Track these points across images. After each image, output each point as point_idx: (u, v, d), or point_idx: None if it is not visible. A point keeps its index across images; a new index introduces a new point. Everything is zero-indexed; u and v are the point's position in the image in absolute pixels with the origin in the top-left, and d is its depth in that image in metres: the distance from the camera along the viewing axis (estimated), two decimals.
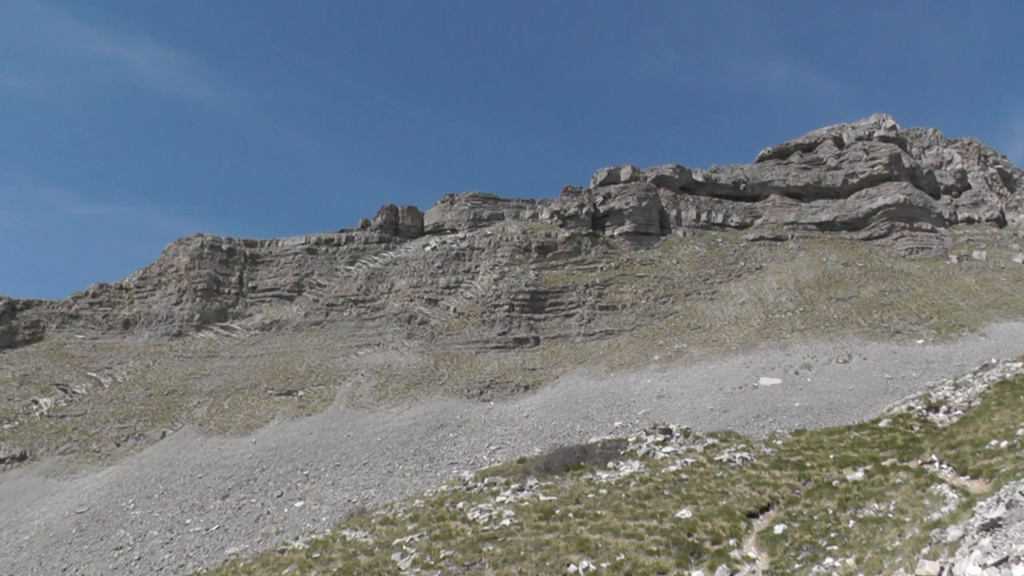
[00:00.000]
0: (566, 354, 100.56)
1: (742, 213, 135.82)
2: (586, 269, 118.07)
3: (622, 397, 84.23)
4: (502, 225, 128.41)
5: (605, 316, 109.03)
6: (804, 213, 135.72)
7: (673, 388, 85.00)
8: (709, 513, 33.01)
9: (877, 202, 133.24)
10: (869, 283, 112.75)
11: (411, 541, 33.94)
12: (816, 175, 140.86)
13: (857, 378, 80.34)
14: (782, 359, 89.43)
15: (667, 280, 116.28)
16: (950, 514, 22.02)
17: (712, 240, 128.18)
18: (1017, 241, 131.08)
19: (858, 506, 31.13)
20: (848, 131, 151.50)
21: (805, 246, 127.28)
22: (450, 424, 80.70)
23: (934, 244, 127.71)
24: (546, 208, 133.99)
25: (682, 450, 45.88)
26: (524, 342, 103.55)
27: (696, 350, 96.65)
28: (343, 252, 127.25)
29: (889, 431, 45.61)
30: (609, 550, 29.54)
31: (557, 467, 43.91)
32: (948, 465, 33.40)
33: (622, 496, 36.62)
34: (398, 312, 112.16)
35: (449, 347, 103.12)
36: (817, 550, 27.03)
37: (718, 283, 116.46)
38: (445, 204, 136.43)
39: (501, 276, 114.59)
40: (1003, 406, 39.70)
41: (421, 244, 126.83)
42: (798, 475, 38.62)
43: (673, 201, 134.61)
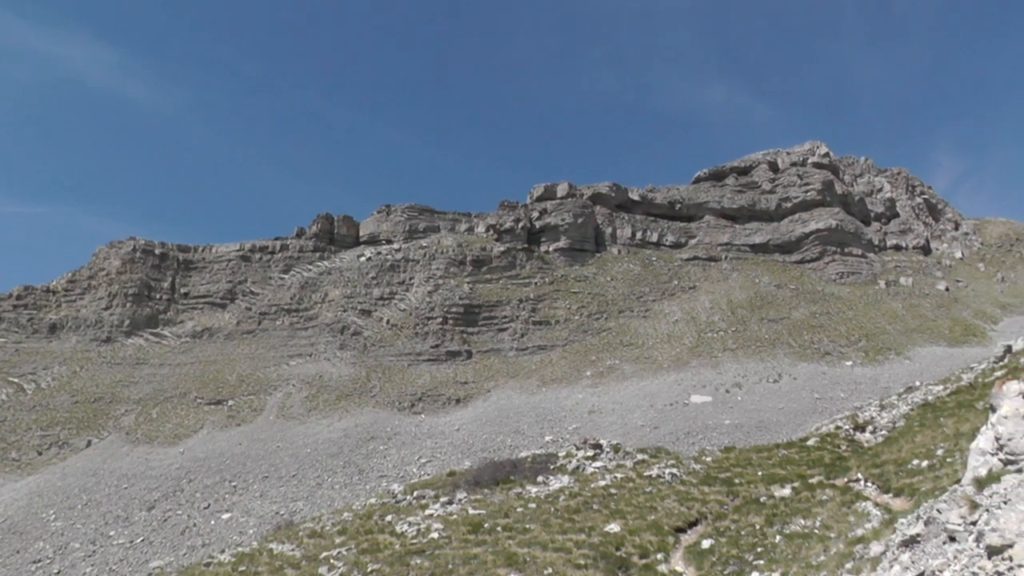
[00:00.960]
0: (498, 368, 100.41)
1: (677, 233, 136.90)
2: (520, 284, 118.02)
3: (553, 412, 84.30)
4: (438, 237, 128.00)
5: (538, 331, 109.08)
6: (738, 235, 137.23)
7: (605, 404, 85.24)
8: (638, 528, 33.09)
9: (810, 226, 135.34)
10: (800, 305, 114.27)
11: (339, 555, 33.54)
12: (751, 198, 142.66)
13: (787, 397, 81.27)
14: (713, 377, 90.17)
15: (601, 297, 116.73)
16: (873, 530, 22.25)
17: (647, 258, 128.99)
18: (941, 269, 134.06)
19: (785, 522, 31.41)
20: (783, 156, 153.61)
21: (738, 267, 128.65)
22: (381, 436, 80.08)
23: (864, 269, 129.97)
24: (482, 222, 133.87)
25: (612, 465, 45.96)
26: (457, 355, 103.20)
27: (628, 367, 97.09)
28: (277, 260, 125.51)
29: (817, 449, 46.21)
30: (537, 564, 29.42)
31: (487, 481, 43.73)
32: (872, 483, 33.85)
33: (551, 510, 36.59)
34: (331, 322, 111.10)
35: (381, 359, 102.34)
36: (744, 564, 27.18)
37: (652, 301, 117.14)
38: (381, 215, 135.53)
39: (435, 289, 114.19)
40: (925, 427, 40.38)
41: (356, 254, 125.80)
42: (727, 491, 38.89)
43: (609, 219, 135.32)
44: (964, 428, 33.65)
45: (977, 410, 36.30)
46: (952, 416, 39.93)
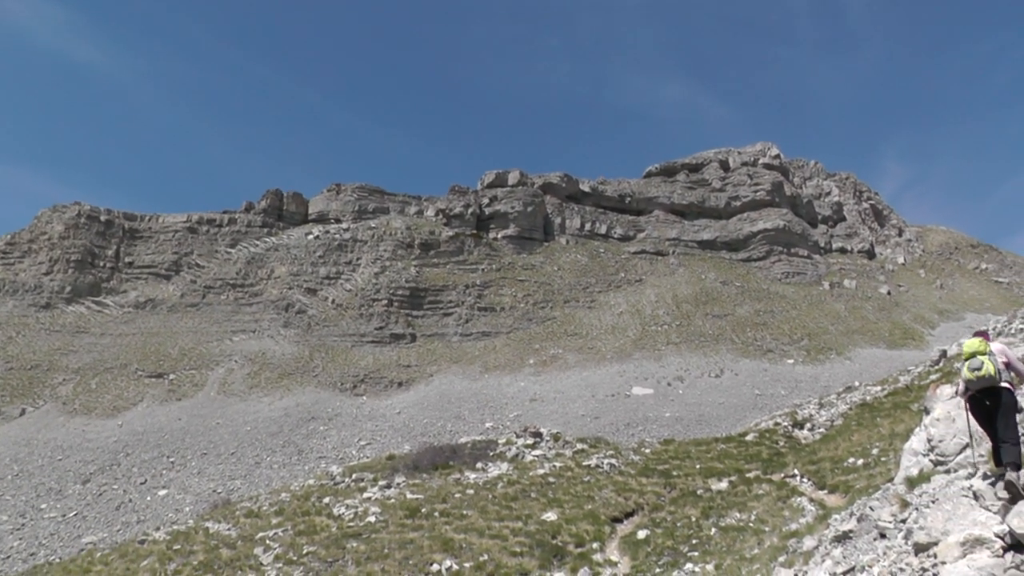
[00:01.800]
0: (442, 353, 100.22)
1: (626, 226, 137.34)
2: (467, 269, 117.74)
3: (495, 399, 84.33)
4: (387, 219, 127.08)
5: (483, 317, 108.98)
6: (686, 231, 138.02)
7: (546, 392, 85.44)
8: (574, 517, 33.15)
9: (758, 226, 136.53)
10: (745, 303, 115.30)
11: (275, 535, 33.27)
12: (701, 195, 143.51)
13: (728, 392, 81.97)
14: (656, 370, 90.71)
15: (547, 286, 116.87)
16: (807, 525, 22.47)
17: (594, 250, 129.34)
18: (884, 273, 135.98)
19: (721, 515, 31.66)
20: (734, 156, 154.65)
21: (685, 262, 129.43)
22: (321, 417, 79.54)
23: (809, 270, 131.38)
24: (432, 206, 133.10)
25: (551, 454, 46.05)
26: (401, 338, 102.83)
27: (571, 356, 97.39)
28: (224, 234, 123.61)
29: (755, 445, 46.67)
30: (473, 550, 29.41)
31: (426, 465, 43.63)
32: (809, 479, 34.24)
33: (489, 497, 36.56)
34: (276, 299, 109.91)
35: (325, 338, 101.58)
36: (678, 556, 27.34)
37: (597, 292, 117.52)
38: (331, 193, 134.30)
39: (382, 270, 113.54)
40: (862, 426, 40.95)
41: (304, 232, 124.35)
42: (664, 483, 39.10)
43: (559, 209, 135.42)
44: (899, 428, 34.12)
45: (912, 411, 36.82)
46: (888, 417, 40.51)
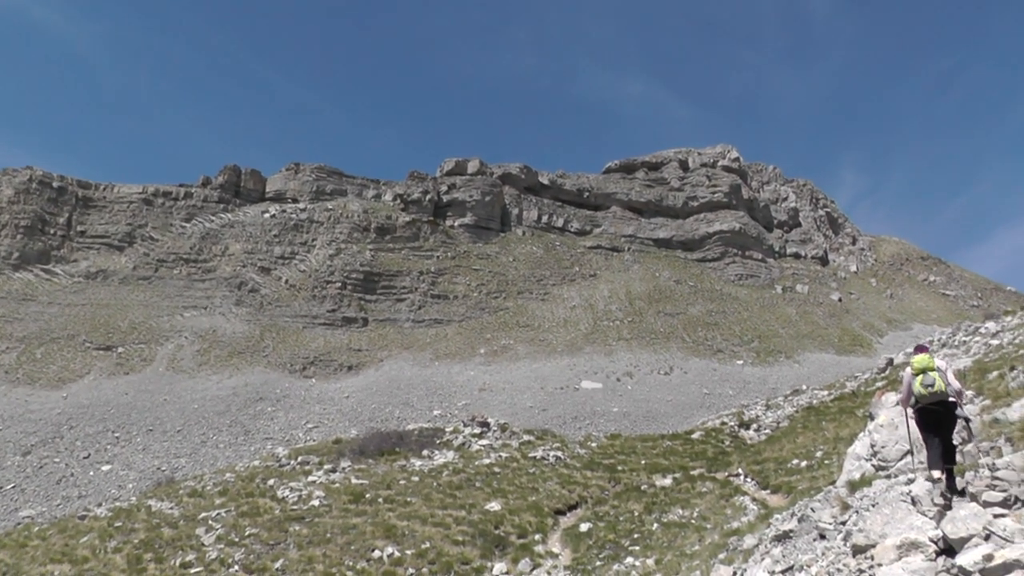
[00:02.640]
0: (393, 338, 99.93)
1: (583, 220, 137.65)
2: (423, 256, 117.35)
3: (444, 387, 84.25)
4: (344, 201, 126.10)
5: (436, 305, 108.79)
6: (643, 228, 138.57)
7: (496, 382, 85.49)
8: (518, 508, 33.27)
9: (714, 227, 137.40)
10: (698, 302, 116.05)
11: (218, 516, 33.08)
12: (659, 193, 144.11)
13: (676, 390, 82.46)
14: (606, 365, 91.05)
15: (501, 276, 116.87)
16: (748, 524, 22.71)
17: (550, 243, 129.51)
18: (836, 280, 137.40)
19: (663, 511, 31.92)
20: (694, 156, 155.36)
21: (640, 260, 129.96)
22: (269, 398, 78.97)
23: (762, 273, 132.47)
24: (390, 190, 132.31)
25: (498, 444, 46.22)
26: (352, 322, 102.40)
27: (522, 347, 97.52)
28: (180, 207, 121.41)
29: (701, 443, 47.11)
30: (416, 538, 29.45)
31: (372, 451, 43.60)
32: (752, 479, 34.62)
33: (434, 485, 36.63)
34: (229, 277, 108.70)
35: (277, 318, 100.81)
36: (619, 549, 27.53)
37: (551, 285, 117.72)
38: (290, 172, 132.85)
39: (337, 252, 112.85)
40: (807, 429, 41.41)
41: (260, 210, 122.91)
42: (609, 477, 39.38)
43: (517, 200, 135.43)
44: (844, 433, 34.51)
45: (857, 417, 37.27)
46: (834, 421, 40.99)
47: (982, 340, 46.85)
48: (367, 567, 27.49)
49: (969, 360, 36.90)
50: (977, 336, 50.56)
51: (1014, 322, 49.44)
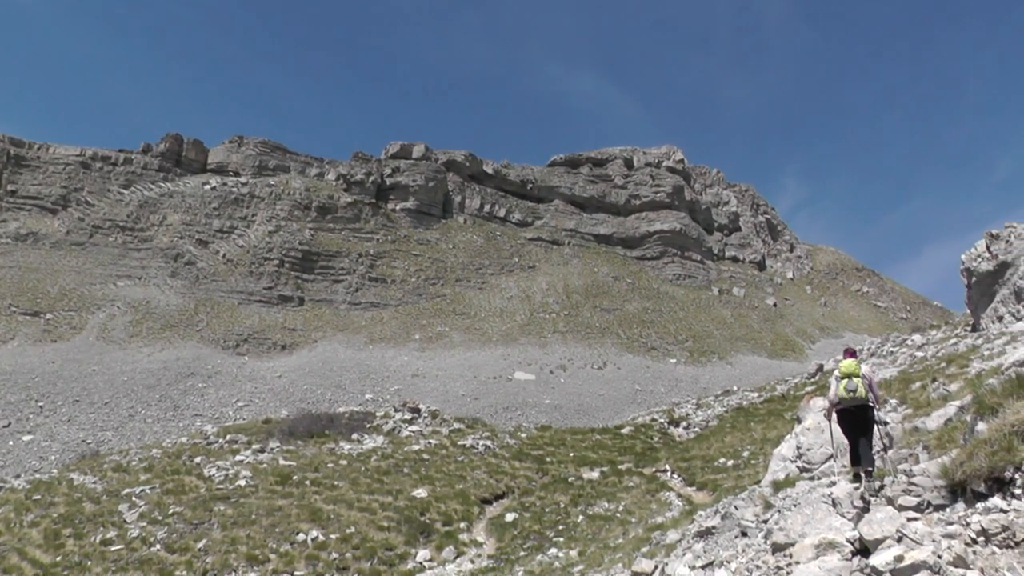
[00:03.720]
0: (329, 319, 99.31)
1: (525, 212, 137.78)
2: (363, 238, 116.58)
3: (377, 371, 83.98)
4: (286, 178, 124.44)
5: (373, 288, 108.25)
6: (584, 223, 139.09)
7: (429, 369, 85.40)
8: (445, 495, 33.35)
9: (655, 226, 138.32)
10: (634, 299, 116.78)
11: (141, 492, 32.75)
12: (602, 190, 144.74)
13: (608, 385, 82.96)
14: (540, 357, 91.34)
15: (440, 263, 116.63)
16: (672, 519, 22.99)
17: (491, 232, 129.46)
18: (772, 286, 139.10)
19: (589, 503, 32.20)
20: (639, 155, 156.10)
21: (580, 254, 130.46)
22: (201, 373, 77.98)
23: (700, 274, 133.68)
24: (333, 169, 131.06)
25: (428, 431, 46.29)
26: (288, 300, 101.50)
27: (457, 335, 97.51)
28: (119, 173, 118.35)
29: (630, 438, 47.57)
30: (341, 522, 29.40)
31: (302, 432, 43.43)
32: (679, 476, 35.07)
33: (362, 469, 36.62)
34: (166, 248, 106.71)
35: (212, 293, 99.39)
36: (544, 540, 27.71)
37: (490, 274, 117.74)
38: (232, 145, 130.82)
39: (277, 229, 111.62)
40: (736, 429, 42.05)
41: (201, 181, 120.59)
42: (537, 468, 39.60)
43: (460, 187, 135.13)
44: (771, 434, 35.06)
45: (785, 419, 37.84)
46: (762, 422, 41.66)
47: (908, 352, 47.84)
48: (290, 550, 27.33)
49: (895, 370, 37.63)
50: (904, 347, 51.62)
51: (939, 336, 50.55)
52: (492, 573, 24.55)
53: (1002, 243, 43.45)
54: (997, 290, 42.59)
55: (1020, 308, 39.37)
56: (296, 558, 26.76)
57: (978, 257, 45.55)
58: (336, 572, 26.04)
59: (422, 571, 26.28)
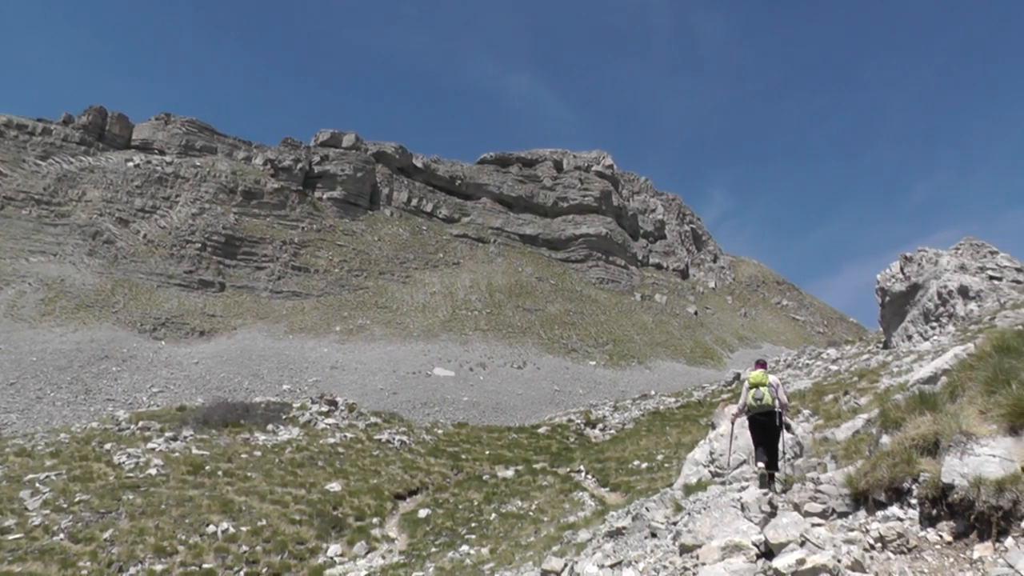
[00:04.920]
0: (249, 307, 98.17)
1: (452, 208, 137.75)
2: (288, 225, 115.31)
3: (296, 361, 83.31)
4: (213, 160, 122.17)
5: (296, 277, 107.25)
6: (511, 222, 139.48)
7: (348, 361, 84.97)
8: (358, 489, 33.25)
9: (581, 229, 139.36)
10: (557, 301, 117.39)
11: (46, 479, 31.92)
12: (530, 190, 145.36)
13: (527, 384, 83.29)
14: (460, 354, 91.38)
15: (365, 255, 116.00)
16: (584, 519, 23.21)
17: (417, 226, 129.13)
18: (694, 294, 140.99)
19: (503, 501, 32.34)
20: (569, 158, 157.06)
21: (505, 253, 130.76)
22: (115, 357, 76.49)
23: (623, 279, 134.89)
24: (261, 154, 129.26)
25: (344, 424, 46.12)
26: (209, 285, 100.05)
27: (379, 329, 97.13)
28: (36, 144, 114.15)
29: (547, 438, 47.89)
30: (252, 514, 29.09)
31: (216, 421, 42.91)
32: (593, 476, 35.43)
33: (276, 461, 36.33)
34: (84, 224, 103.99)
35: (131, 274, 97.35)
36: (456, 537, 27.77)
37: (414, 269, 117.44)
38: (159, 122, 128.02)
39: (200, 212, 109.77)
40: (651, 433, 42.59)
41: (124, 158, 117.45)
42: (452, 465, 39.68)
43: (388, 179, 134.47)
44: (686, 439, 35.58)
45: (700, 425, 38.46)
46: (677, 427, 42.27)
47: (823, 365, 48.96)
48: (200, 542, 26.81)
49: (810, 382, 38.39)
50: (819, 360, 52.80)
51: (852, 351, 51.83)
52: (403, 569, 24.50)
53: (915, 266, 45.04)
54: (908, 310, 44.06)
55: (928, 328, 40.61)
56: (205, 550, 26.24)
57: (892, 278, 47.13)
58: (246, 565, 25.60)
59: (332, 566, 26.08)
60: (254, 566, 25.74)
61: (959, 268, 41.90)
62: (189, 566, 25.29)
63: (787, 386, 40.74)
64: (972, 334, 27.98)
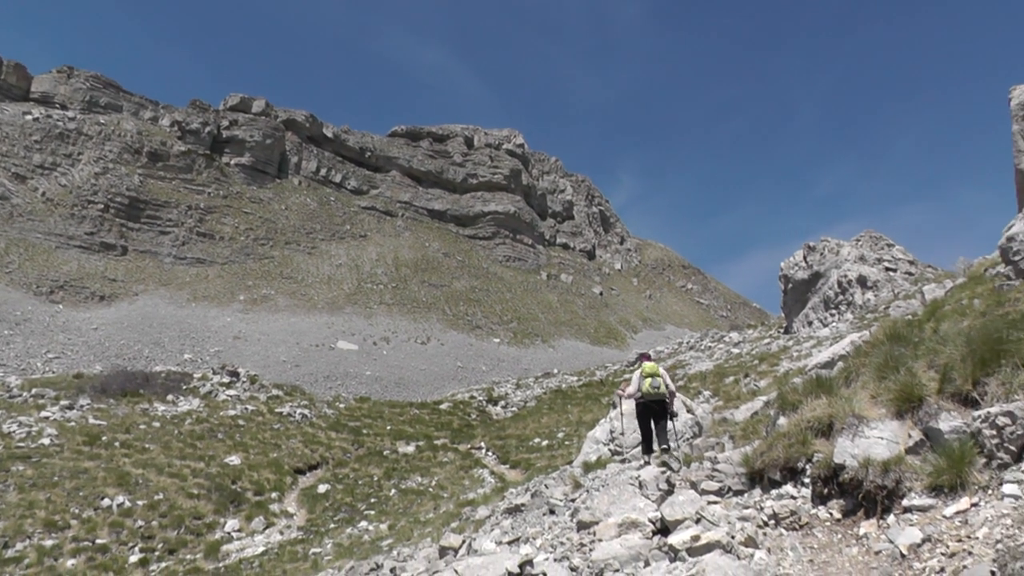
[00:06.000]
0: (152, 272, 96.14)
1: (361, 179, 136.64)
2: (194, 190, 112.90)
3: (199, 330, 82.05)
4: (118, 118, 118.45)
5: (201, 243, 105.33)
6: (419, 197, 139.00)
7: (251, 332, 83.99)
8: (258, 463, 33.05)
9: (489, 207, 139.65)
10: (463, 277, 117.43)
11: None
12: (440, 165, 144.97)
13: (431, 360, 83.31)
14: (364, 327, 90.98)
15: (271, 223, 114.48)
16: (484, 496, 23.32)
17: (325, 197, 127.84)
18: (600, 275, 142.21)
19: (403, 477, 32.41)
20: (480, 135, 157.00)
21: (412, 227, 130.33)
22: (8, 320, 74.25)
23: (530, 258, 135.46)
24: (169, 115, 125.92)
25: (245, 396, 45.73)
26: (111, 248, 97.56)
27: (283, 299, 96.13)
28: None
29: (448, 414, 48.08)
30: (149, 488, 28.63)
31: (115, 390, 42.16)
32: (494, 453, 35.69)
33: (175, 433, 35.86)
34: None
35: (27, 233, 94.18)
36: (355, 513, 27.78)
37: (320, 240, 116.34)
38: (61, 75, 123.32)
39: (104, 171, 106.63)
40: (553, 411, 43.01)
41: (22, 110, 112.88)
42: (353, 440, 39.62)
43: (298, 148, 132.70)
44: (587, 417, 35.97)
45: (602, 404, 38.90)
46: (579, 405, 42.77)
47: (725, 348, 49.96)
48: (94, 516, 26.22)
49: (711, 364, 39.11)
50: (722, 343, 53.85)
51: (754, 335, 52.95)
52: (300, 545, 24.39)
53: (817, 255, 46.36)
54: (810, 297, 45.33)
55: (827, 315, 41.77)
56: (99, 525, 25.65)
57: (795, 266, 48.40)
58: (141, 540, 25.12)
59: (229, 541, 25.80)
60: (149, 541, 25.27)
61: (859, 259, 43.20)
62: (81, 541, 24.66)
63: (688, 367, 41.71)
64: (868, 322, 28.79)
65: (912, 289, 36.08)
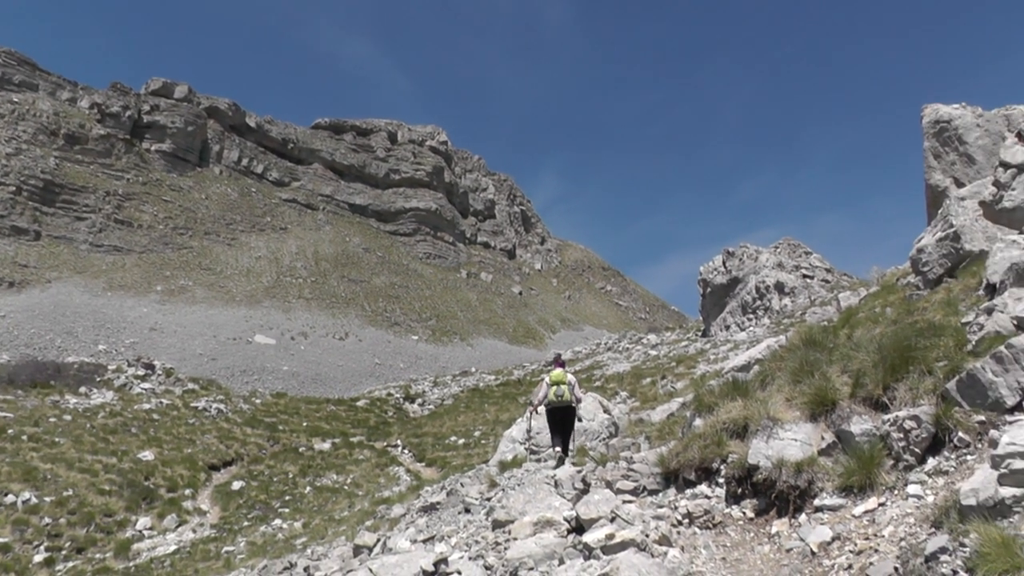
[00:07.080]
0: (66, 259, 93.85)
1: (283, 171, 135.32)
2: (112, 175, 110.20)
3: (114, 321, 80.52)
4: (34, 97, 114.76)
5: (118, 231, 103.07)
6: (341, 191, 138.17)
7: (168, 324, 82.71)
8: (172, 459, 32.62)
9: (411, 203, 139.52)
10: (383, 273, 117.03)
11: None
12: (363, 160, 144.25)
13: (348, 356, 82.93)
14: (282, 322, 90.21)
15: (191, 213, 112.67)
16: (399, 494, 23.33)
17: (247, 187, 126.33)
18: (520, 275, 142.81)
19: (318, 474, 32.29)
20: (404, 131, 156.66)
21: (333, 221, 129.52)
22: None
23: (450, 256, 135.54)
24: (88, 97, 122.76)
25: (160, 389, 45.22)
26: (23, 233, 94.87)
27: (201, 291, 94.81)
28: None
29: (365, 411, 47.98)
30: (59, 483, 27.97)
31: (23, 381, 41.27)
32: (410, 451, 35.72)
33: (87, 426, 35.16)
34: None
35: None
36: (269, 511, 27.59)
37: (240, 231, 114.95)
38: None
39: (17, 152, 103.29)
40: (470, 409, 43.18)
41: None
42: (268, 436, 39.36)
43: (220, 137, 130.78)
44: (504, 416, 36.16)
45: (519, 403, 39.14)
46: (496, 404, 42.98)
47: (643, 349, 50.58)
48: None
49: (629, 365, 39.53)
50: (639, 345, 54.46)
51: (672, 338, 53.69)
52: (213, 544, 24.10)
53: (736, 260, 47.31)
54: (728, 302, 46.15)
55: (745, 320, 42.53)
56: (2, 523, 24.87)
57: (715, 270, 49.29)
58: (47, 539, 24.42)
59: (140, 540, 25.33)
60: (56, 540, 24.59)
61: (777, 265, 44.09)
62: None
63: (606, 368, 42.08)
64: (784, 327, 29.35)
65: (828, 296, 36.88)
